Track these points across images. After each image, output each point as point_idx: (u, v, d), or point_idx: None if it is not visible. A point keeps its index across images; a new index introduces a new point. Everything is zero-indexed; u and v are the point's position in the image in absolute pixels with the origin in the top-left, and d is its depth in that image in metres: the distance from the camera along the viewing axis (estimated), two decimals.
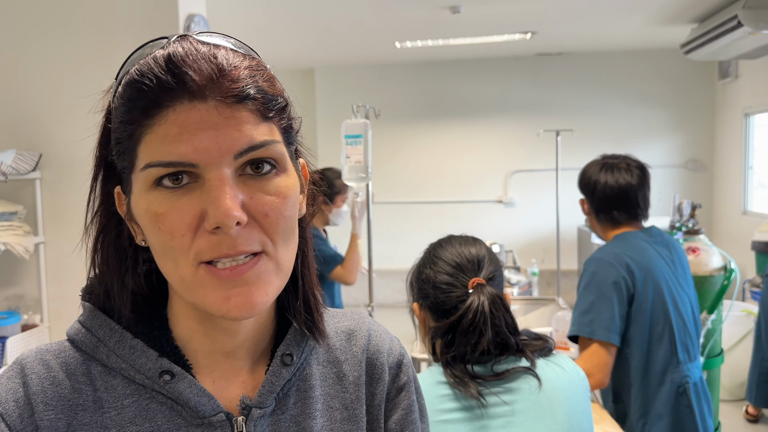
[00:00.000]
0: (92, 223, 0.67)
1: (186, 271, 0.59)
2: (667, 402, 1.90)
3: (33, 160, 2.61)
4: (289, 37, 4.91)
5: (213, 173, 0.57)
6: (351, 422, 0.73)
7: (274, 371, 0.68)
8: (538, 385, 1.23)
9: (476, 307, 1.26)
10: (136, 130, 0.58)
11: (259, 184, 0.60)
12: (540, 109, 6.40)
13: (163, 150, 0.56)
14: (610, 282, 1.87)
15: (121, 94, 0.59)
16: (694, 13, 4.59)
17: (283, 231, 0.61)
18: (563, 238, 5.26)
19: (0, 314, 2.61)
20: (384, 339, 0.80)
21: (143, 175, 0.58)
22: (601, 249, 1.98)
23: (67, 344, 0.67)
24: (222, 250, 0.57)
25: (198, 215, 0.57)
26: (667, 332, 1.90)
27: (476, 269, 1.32)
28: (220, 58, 0.58)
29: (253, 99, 0.58)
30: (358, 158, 2.52)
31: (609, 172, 2.04)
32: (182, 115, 0.56)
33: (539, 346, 1.30)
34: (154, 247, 0.60)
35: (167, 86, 0.56)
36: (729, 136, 5.84)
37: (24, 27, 2.69)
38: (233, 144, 0.57)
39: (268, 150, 0.59)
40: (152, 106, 0.57)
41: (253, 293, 0.59)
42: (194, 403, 0.63)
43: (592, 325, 1.84)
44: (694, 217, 2.58)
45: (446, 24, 4.71)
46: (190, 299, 0.60)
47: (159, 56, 0.58)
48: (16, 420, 0.60)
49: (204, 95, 0.57)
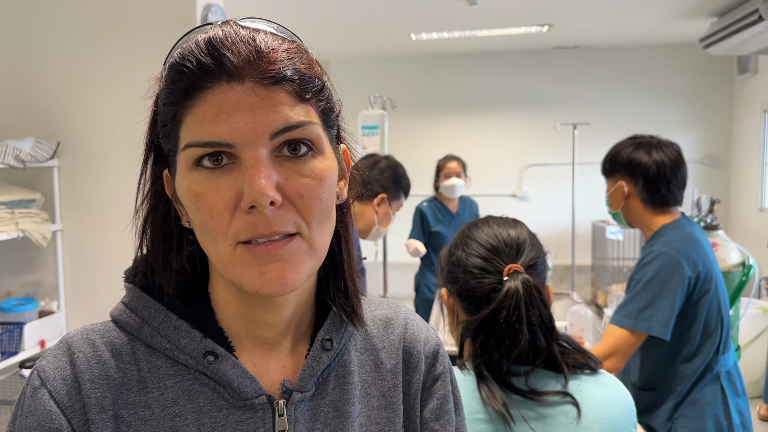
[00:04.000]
0: (142, 205, 0.68)
1: (224, 249, 0.59)
2: (701, 389, 1.89)
3: (51, 148, 2.63)
4: (305, 28, 4.90)
5: (249, 153, 0.58)
6: (388, 409, 0.73)
7: (314, 355, 0.69)
8: (576, 416, 1.07)
9: (511, 298, 1.11)
10: (178, 111, 0.59)
11: (295, 166, 0.60)
12: (555, 104, 6.36)
13: (201, 130, 0.58)
14: (676, 279, 1.83)
15: (165, 78, 0.61)
16: (714, 7, 4.54)
17: (318, 213, 0.61)
18: (576, 233, 5.23)
19: (17, 300, 2.63)
20: (421, 328, 0.80)
21: (184, 155, 0.60)
22: (664, 242, 1.90)
23: (111, 325, 0.67)
24: (257, 230, 0.58)
25: (236, 195, 0.58)
26: (719, 327, 1.90)
27: (514, 254, 1.17)
28: (259, 41, 0.59)
29: (289, 80, 0.59)
30: (374, 149, 2.51)
31: (652, 149, 1.94)
32: (220, 96, 0.57)
33: (580, 361, 1.14)
34: (196, 226, 0.61)
35: (206, 68, 0.57)
36: (747, 132, 5.78)
37: (42, 17, 2.70)
38: (269, 124, 0.58)
39: (304, 131, 0.60)
40: (192, 88, 0.58)
41: (286, 270, 0.59)
42: (237, 385, 0.64)
43: (650, 320, 1.81)
44: (712, 213, 2.56)
45: (463, 16, 4.69)
46: (229, 277, 0.61)
47: (200, 40, 0.59)
48: (65, 397, 0.61)
49: (241, 77, 0.58)
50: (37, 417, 0.61)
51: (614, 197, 2.02)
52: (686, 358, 1.90)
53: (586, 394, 1.10)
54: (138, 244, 0.68)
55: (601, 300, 5.80)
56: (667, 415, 1.92)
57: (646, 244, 1.99)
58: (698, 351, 1.90)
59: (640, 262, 1.92)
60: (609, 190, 2.04)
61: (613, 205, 2.04)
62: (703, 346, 1.90)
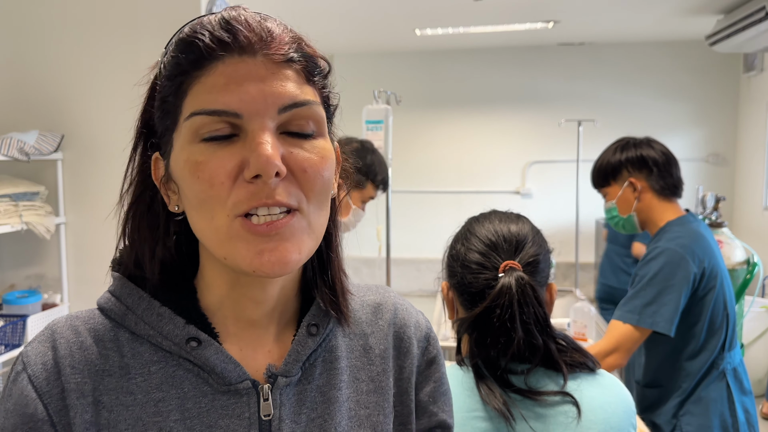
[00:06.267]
0: (127, 191, 0.68)
1: (221, 221, 0.59)
2: (707, 386, 1.89)
3: (55, 141, 2.63)
4: (310, 22, 4.89)
5: (256, 123, 0.58)
6: (377, 394, 0.73)
7: (299, 340, 0.69)
8: (576, 416, 1.06)
9: (504, 295, 1.09)
10: (184, 82, 0.60)
11: (299, 142, 0.61)
12: (560, 100, 6.34)
13: (208, 99, 0.58)
14: (681, 275, 1.83)
15: (172, 51, 0.61)
16: (720, 4, 4.51)
17: (319, 191, 0.61)
18: (580, 230, 5.22)
19: (21, 293, 2.64)
20: (410, 313, 0.80)
21: (187, 125, 0.59)
22: (669, 238, 1.91)
23: (96, 312, 0.68)
24: (260, 199, 0.58)
25: (238, 164, 0.58)
26: (725, 323, 1.91)
27: (513, 250, 1.15)
28: (270, 24, 0.61)
29: (298, 61, 0.61)
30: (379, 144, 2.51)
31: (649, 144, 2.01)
32: (231, 67, 0.58)
33: (578, 359, 1.12)
34: (191, 200, 0.61)
35: (220, 39, 0.58)
36: (752, 130, 5.75)
37: (47, 10, 2.70)
38: (278, 98, 0.58)
39: (311, 109, 0.61)
40: (203, 58, 0.59)
41: (288, 249, 0.59)
42: (221, 370, 0.64)
43: (655, 316, 1.82)
44: (717, 210, 2.55)
45: (468, 11, 4.67)
46: (222, 253, 0.60)
47: (212, 18, 0.60)
48: (43, 382, 0.61)
49: (254, 50, 0.59)
50: (14, 401, 0.61)
51: (624, 200, 2.01)
52: (691, 355, 1.90)
53: (586, 394, 1.09)
54: (121, 231, 0.68)
55: None
56: (672, 412, 1.92)
57: (651, 241, 1.99)
58: (703, 348, 1.89)
59: (644, 258, 1.92)
60: (615, 196, 2.03)
61: (624, 210, 2.02)
62: (709, 342, 1.90)
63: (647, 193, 1.98)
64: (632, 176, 1.99)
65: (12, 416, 0.61)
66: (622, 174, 2.01)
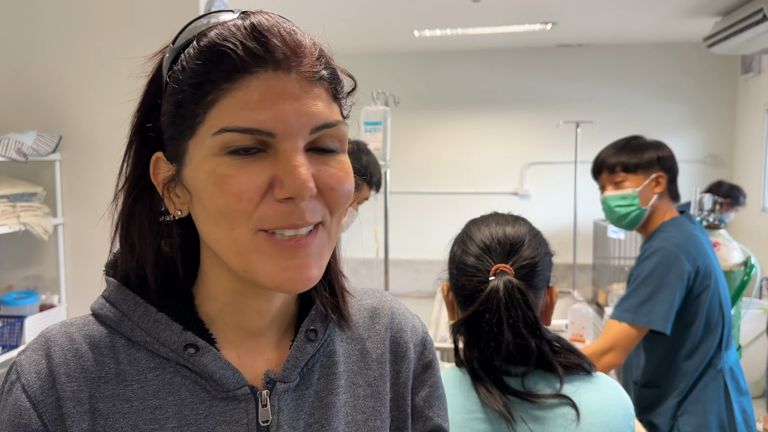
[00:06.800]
0: (122, 190, 0.66)
1: (243, 234, 0.58)
2: (705, 386, 1.90)
3: (53, 142, 2.63)
4: (308, 23, 4.86)
5: (289, 144, 0.57)
6: (374, 399, 0.73)
7: (298, 346, 0.68)
8: (575, 418, 1.05)
9: (492, 299, 1.09)
10: (210, 92, 0.57)
11: (325, 159, 0.61)
12: (558, 102, 6.35)
13: (242, 116, 0.56)
14: (675, 274, 1.84)
15: (196, 56, 0.58)
16: (718, 6, 4.52)
17: (342, 205, 0.62)
18: (578, 231, 5.22)
19: (18, 294, 2.64)
20: (407, 317, 0.80)
21: (216, 139, 0.57)
22: (663, 238, 1.93)
23: (91, 318, 0.67)
24: (291, 221, 0.58)
25: (268, 181, 0.57)
26: (720, 323, 1.92)
27: (505, 254, 1.15)
28: (300, 37, 0.59)
29: (328, 79, 0.60)
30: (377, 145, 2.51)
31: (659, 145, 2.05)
32: (265, 83, 0.57)
33: (574, 361, 1.12)
34: (210, 212, 0.59)
35: (254, 53, 0.56)
36: (750, 132, 5.76)
37: (45, 11, 2.70)
38: (312, 118, 0.58)
39: (339, 130, 0.61)
40: (235, 71, 0.57)
41: (312, 266, 0.59)
42: (219, 377, 0.63)
43: (650, 314, 1.83)
44: (715, 212, 2.55)
45: (466, 13, 4.68)
46: (240, 266, 0.60)
47: (241, 24, 0.58)
48: (37, 391, 0.61)
49: (288, 66, 0.57)
50: (9, 412, 0.60)
51: (647, 192, 2.00)
52: (688, 355, 1.91)
53: (585, 397, 1.09)
54: (114, 233, 0.67)
55: (602, 299, 5.79)
56: (670, 412, 1.92)
57: (646, 241, 2.00)
58: (700, 347, 1.90)
59: (639, 257, 1.94)
60: (638, 185, 1.99)
61: (644, 201, 2.00)
62: (705, 341, 1.91)
63: (664, 193, 2.01)
64: (660, 172, 2.00)
65: (6, 427, 0.60)
66: (653, 167, 2.00)
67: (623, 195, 2.02)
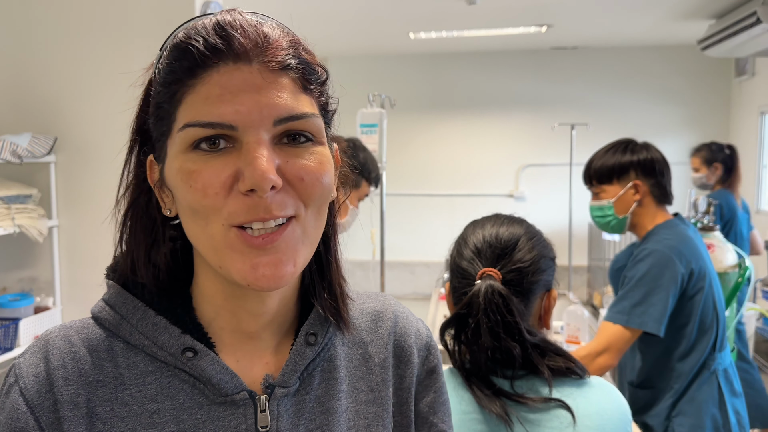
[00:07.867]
0: (124, 195, 0.66)
1: (216, 230, 0.58)
2: (699, 387, 1.91)
3: (48, 144, 2.62)
4: (304, 25, 4.86)
5: (251, 136, 0.57)
6: (376, 404, 0.71)
7: (297, 350, 0.67)
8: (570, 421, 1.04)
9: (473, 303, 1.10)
10: (178, 90, 0.58)
11: (295, 151, 0.59)
12: (553, 104, 6.36)
13: (203, 110, 0.56)
14: (669, 276, 1.84)
15: (167, 57, 0.59)
16: (713, 9, 4.54)
17: (318, 197, 0.60)
18: (573, 233, 5.24)
19: (13, 296, 2.63)
20: (411, 321, 0.79)
21: (181, 135, 0.58)
22: (657, 240, 1.92)
23: (90, 321, 0.66)
24: (257, 214, 0.57)
25: (232, 175, 0.57)
26: (715, 325, 1.92)
27: (495, 258, 1.14)
28: (266, 28, 0.59)
29: (295, 68, 0.59)
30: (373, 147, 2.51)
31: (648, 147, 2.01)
32: (225, 76, 0.56)
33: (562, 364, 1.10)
34: (184, 208, 0.60)
35: (214, 47, 0.57)
36: (744, 135, 5.79)
37: (40, 13, 2.69)
38: (274, 109, 0.57)
39: (307, 122, 0.59)
40: (197, 66, 0.57)
41: (283, 262, 0.58)
42: (217, 381, 0.63)
43: (643, 316, 1.83)
44: (709, 214, 2.56)
45: (461, 15, 4.69)
46: (217, 262, 0.59)
47: (207, 22, 0.58)
48: (34, 395, 0.60)
49: (249, 58, 0.57)
50: (6, 415, 0.60)
51: (623, 201, 2.00)
52: (682, 356, 1.92)
53: (582, 400, 1.08)
54: (118, 237, 0.67)
55: (597, 300, 5.81)
56: (665, 413, 1.93)
57: (639, 243, 2.00)
58: (694, 348, 1.91)
59: (632, 260, 1.94)
60: (613, 195, 2.01)
61: (620, 210, 2.00)
62: (699, 342, 1.91)
63: (647, 197, 1.99)
64: (638, 179, 1.99)
65: (4, 430, 0.60)
66: (628, 175, 1.99)
67: (600, 206, 2.05)
